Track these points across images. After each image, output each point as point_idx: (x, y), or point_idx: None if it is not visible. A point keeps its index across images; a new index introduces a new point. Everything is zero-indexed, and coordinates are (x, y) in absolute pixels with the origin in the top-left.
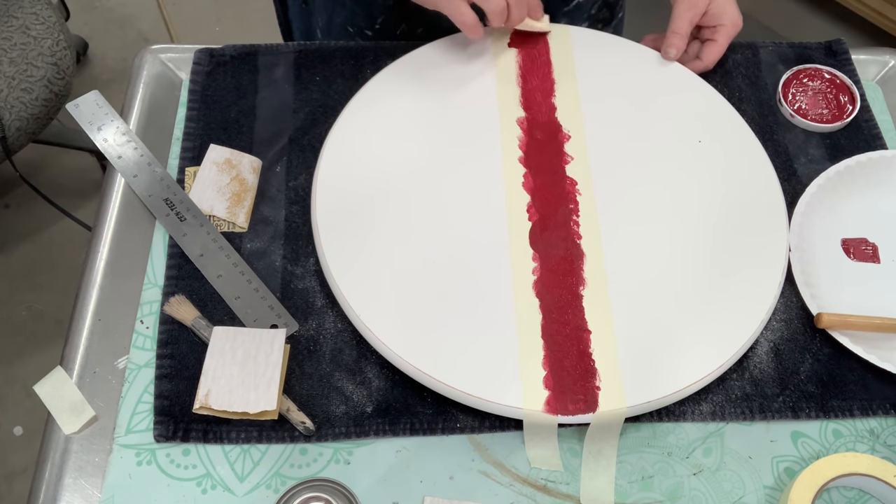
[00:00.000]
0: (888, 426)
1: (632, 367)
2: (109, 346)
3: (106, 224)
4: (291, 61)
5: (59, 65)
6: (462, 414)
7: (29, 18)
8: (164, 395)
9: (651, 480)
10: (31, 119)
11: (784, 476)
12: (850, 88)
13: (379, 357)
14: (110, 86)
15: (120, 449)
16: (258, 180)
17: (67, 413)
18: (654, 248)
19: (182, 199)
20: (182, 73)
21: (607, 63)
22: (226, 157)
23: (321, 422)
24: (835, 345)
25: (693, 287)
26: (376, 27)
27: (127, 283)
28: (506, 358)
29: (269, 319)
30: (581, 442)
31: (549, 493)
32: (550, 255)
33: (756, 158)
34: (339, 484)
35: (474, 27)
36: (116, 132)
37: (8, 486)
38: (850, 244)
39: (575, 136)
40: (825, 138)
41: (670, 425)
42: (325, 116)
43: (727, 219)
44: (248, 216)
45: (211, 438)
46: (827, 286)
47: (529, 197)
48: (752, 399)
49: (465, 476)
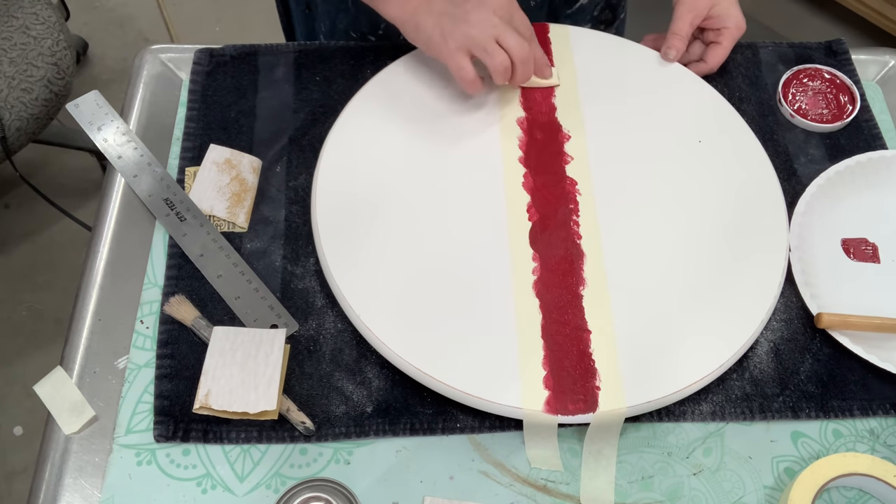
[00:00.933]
0: (888, 426)
1: (632, 367)
2: (109, 346)
3: (106, 224)
4: (291, 61)
5: (59, 65)
6: (462, 414)
7: (29, 18)
8: (164, 395)
9: (651, 480)
10: (31, 119)
11: (784, 476)
12: (850, 88)
13: (379, 357)
14: (110, 86)
15: (120, 449)
16: (258, 180)
17: (67, 413)
18: (654, 248)
19: (182, 199)
20: (182, 73)
21: (607, 63)
22: (226, 157)
23: (321, 422)
24: (835, 345)
25: (693, 287)
26: (379, 32)
27: (127, 283)
28: (506, 358)
29: (269, 319)
30: (581, 442)
31: (549, 493)
32: (550, 254)
33: (756, 158)
34: (339, 484)
35: (473, 83)
36: (116, 132)
37: (8, 486)
38: (850, 244)
39: (575, 136)
40: (825, 138)
41: (670, 425)
42: (325, 116)
43: (727, 218)
44: (248, 216)
45: (211, 438)
46: (827, 286)
47: (529, 197)
48: (752, 399)
49: (465, 476)
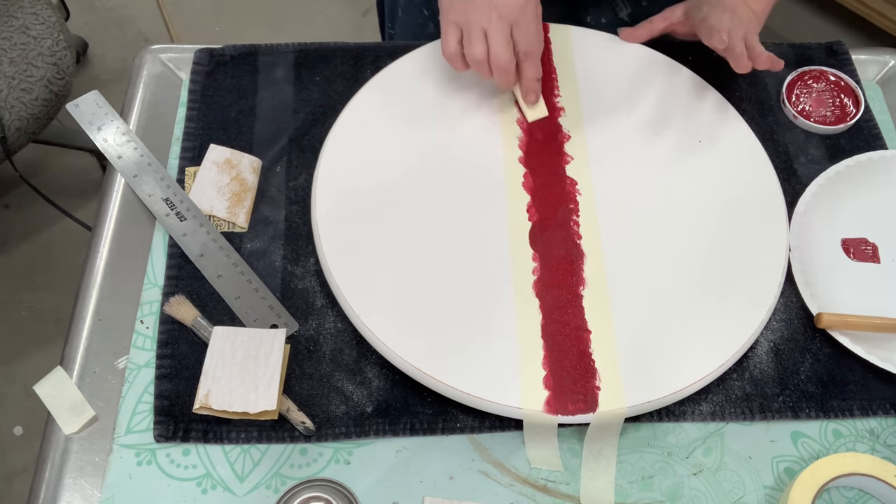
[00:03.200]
0: (888, 426)
1: (632, 367)
2: (109, 346)
3: (106, 224)
4: (291, 61)
5: (59, 65)
6: (462, 414)
7: (29, 18)
8: (164, 395)
9: (651, 480)
10: (31, 119)
11: (784, 476)
12: (853, 91)
13: (379, 357)
14: (110, 86)
15: (120, 449)
16: (258, 180)
17: (67, 413)
18: (654, 248)
19: (182, 199)
20: (182, 73)
21: (607, 63)
22: (226, 157)
23: (321, 422)
24: (835, 345)
25: (693, 287)
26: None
27: (127, 283)
28: (506, 358)
29: (269, 319)
30: (581, 442)
31: (549, 493)
32: (550, 255)
33: (756, 158)
34: (339, 484)
35: (451, 57)
36: (116, 132)
37: (8, 486)
38: (850, 244)
39: (575, 136)
40: (825, 139)
41: (670, 425)
42: (325, 116)
43: (727, 218)
44: (248, 216)
45: (211, 438)
46: (827, 286)
47: (529, 197)
48: (752, 399)
49: (465, 476)
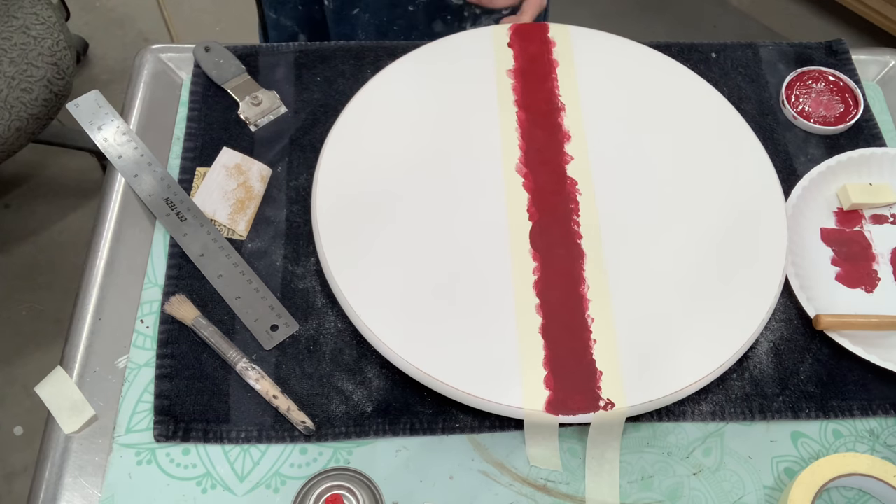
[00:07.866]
0: (888, 426)
1: (632, 366)
2: (109, 346)
3: (106, 224)
4: (292, 61)
5: (59, 65)
6: (462, 414)
7: (29, 18)
8: (165, 394)
9: (651, 480)
10: (31, 119)
11: (784, 476)
12: (853, 91)
13: (379, 357)
14: (110, 86)
15: (120, 448)
16: (264, 189)
17: (67, 412)
18: (655, 248)
19: (182, 198)
20: (182, 73)
21: (607, 63)
22: (236, 161)
23: (321, 421)
24: (834, 345)
25: (693, 286)
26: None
27: (127, 282)
28: (506, 358)
29: (270, 319)
30: (581, 442)
31: (549, 493)
32: (551, 254)
33: (756, 158)
34: (361, 473)
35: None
36: (117, 132)
37: (8, 486)
38: (829, 234)
39: (575, 136)
40: (825, 138)
41: (670, 425)
42: (325, 116)
43: (727, 218)
44: (248, 225)
45: (211, 438)
46: (824, 286)
47: (529, 197)
48: (752, 399)
49: (465, 476)
